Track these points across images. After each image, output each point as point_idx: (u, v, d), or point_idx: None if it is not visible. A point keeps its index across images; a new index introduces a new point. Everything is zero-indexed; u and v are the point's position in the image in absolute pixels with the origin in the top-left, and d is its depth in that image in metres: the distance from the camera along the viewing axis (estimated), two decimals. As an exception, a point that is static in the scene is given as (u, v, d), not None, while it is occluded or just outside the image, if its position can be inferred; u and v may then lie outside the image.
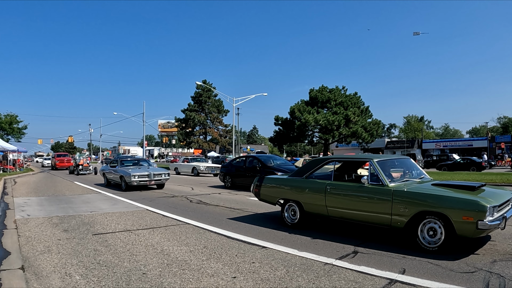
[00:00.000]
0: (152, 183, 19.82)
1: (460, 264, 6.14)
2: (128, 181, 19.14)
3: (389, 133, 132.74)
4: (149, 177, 19.49)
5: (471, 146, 72.00)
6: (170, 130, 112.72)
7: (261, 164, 19.85)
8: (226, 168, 22.44)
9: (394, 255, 6.70)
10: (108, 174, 22.71)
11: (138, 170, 19.81)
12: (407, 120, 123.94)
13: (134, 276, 5.73)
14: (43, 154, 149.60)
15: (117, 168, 21.35)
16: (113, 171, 21.66)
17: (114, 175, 21.43)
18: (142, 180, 19.25)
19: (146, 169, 20.35)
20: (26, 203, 14.75)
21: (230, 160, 24.10)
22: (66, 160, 52.34)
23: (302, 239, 8.04)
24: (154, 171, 20.16)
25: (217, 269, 6.03)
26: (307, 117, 43.31)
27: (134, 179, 18.98)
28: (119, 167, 21.32)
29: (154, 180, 19.71)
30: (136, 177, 19.02)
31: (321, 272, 5.83)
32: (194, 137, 75.58)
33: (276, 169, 18.55)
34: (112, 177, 22.00)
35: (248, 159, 21.78)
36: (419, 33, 65.72)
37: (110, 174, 22.24)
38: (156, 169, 21.42)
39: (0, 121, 62.22)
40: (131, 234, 8.76)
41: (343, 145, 58.11)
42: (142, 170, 20.08)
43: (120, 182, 20.21)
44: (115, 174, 21.21)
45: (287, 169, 18.73)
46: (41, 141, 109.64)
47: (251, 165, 20.65)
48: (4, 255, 7.05)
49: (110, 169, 22.38)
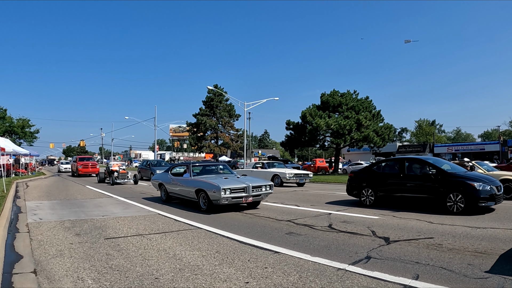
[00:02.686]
0: (249, 200, 13.14)
1: (473, 270, 6.05)
2: (214, 197, 12.58)
3: (400, 137, 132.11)
4: (246, 191, 12.92)
5: (483, 150, 71.43)
6: (182, 134, 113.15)
7: (438, 170, 13.09)
8: (365, 174, 15.53)
9: (407, 260, 6.63)
10: (171, 186, 15.84)
11: (227, 181, 13.30)
12: (419, 124, 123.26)
13: (147, 280, 5.71)
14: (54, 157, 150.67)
15: (188, 178, 14.72)
16: (180, 182, 15.16)
17: (183, 187, 14.82)
18: (236, 196, 12.68)
19: (238, 180, 13.91)
20: (38, 207, 14.82)
21: (370, 164, 16.77)
22: (91, 164, 43.42)
23: (314, 245, 7.98)
24: (252, 182, 13.43)
25: (230, 274, 6.00)
26: (318, 122, 43.23)
27: (225, 194, 12.33)
28: (194, 176, 14.70)
29: (252, 195, 13.08)
30: (227, 191, 12.40)
31: (334, 277, 5.77)
32: (205, 142, 76.04)
33: (466, 178, 12.48)
34: (178, 190, 15.29)
35: (407, 162, 14.33)
36: (410, 40, 67.13)
37: (175, 186, 15.51)
38: (254, 180, 14.20)
39: (13, 125, 62.82)
40: (143, 239, 8.76)
41: (355, 149, 58.20)
42: (233, 180, 13.60)
43: (196, 198, 13.77)
44: (185, 187, 14.62)
45: (479, 177, 12.70)
46: (53, 145, 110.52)
47: (417, 171, 13.84)
48: (16, 259, 7.09)
49: (174, 179, 15.81)
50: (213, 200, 12.71)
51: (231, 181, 13.29)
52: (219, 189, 12.30)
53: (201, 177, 14.65)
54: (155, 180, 17.67)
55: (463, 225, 9.92)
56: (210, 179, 13.78)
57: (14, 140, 57.03)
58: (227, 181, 13.21)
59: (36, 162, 60.48)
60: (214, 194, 12.56)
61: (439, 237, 8.58)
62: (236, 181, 13.39)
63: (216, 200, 12.60)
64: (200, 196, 13.50)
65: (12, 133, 63.12)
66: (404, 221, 10.62)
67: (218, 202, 12.56)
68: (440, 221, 10.65)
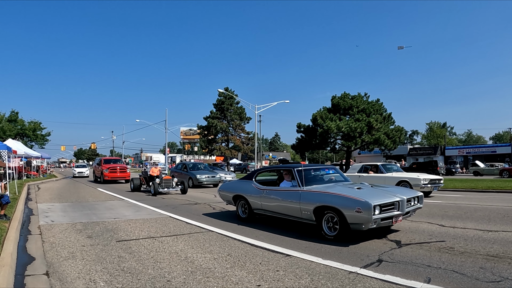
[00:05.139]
0: (399, 220, 8.87)
1: (485, 273, 6.00)
2: (357, 219, 8.14)
3: (411, 139, 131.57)
4: (399, 208, 8.63)
5: (495, 152, 70.99)
6: (192, 137, 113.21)
7: None
8: None
9: (419, 264, 6.60)
10: (261, 200, 11.01)
11: (370, 193, 8.90)
12: (430, 127, 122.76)
13: (159, 283, 5.72)
14: (65, 160, 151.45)
15: (295, 189, 9.89)
16: (279, 194, 10.36)
17: (285, 203, 10.02)
18: (387, 217, 8.32)
19: (382, 190, 9.47)
20: (49, 209, 14.91)
21: None
22: (119, 168, 35.01)
23: (325, 248, 7.97)
24: (402, 193, 9.13)
25: (242, 277, 6.00)
26: (329, 124, 43.27)
27: (377, 214, 8.09)
28: (307, 186, 9.73)
29: (403, 214, 8.79)
30: (376, 209, 8.07)
31: (346, 281, 5.75)
32: (216, 144, 75.99)
33: None
34: (274, 206, 10.47)
35: None
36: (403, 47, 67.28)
37: (268, 200, 10.70)
38: (398, 190, 9.74)
39: (24, 128, 63.26)
40: (154, 241, 8.78)
41: (366, 152, 57.97)
42: (377, 192, 9.18)
43: (311, 219, 9.24)
44: (290, 202, 9.84)
45: None
46: (64, 147, 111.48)
47: None
48: (28, 261, 7.14)
49: (266, 190, 10.96)
50: (353, 223, 8.25)
51: (376, 193, 8.97)
52: (369, 207, 7.92)
53: (318, 187, 9.76)
54: (227, 191, 12.85)
55: (474, 228, 9.85)
56: (337, 189, 9.20)
57: (25, 143, 57.38)
58: (371, 193, 8.88)
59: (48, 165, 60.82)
60: (357, 215, 8.04)
61: (451, 240, 8.52)
62: (382, 193, 9.01)
63: (358, 224, 8.17)
64: (325, 217, 8.91)
65: (24, 136, 63.53)
66: (415, 224, 10.56)
67: (361, 227, 8.16)
68: (452, 224, 10.58)
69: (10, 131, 58.24)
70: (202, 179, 28.90)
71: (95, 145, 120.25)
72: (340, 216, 8.42)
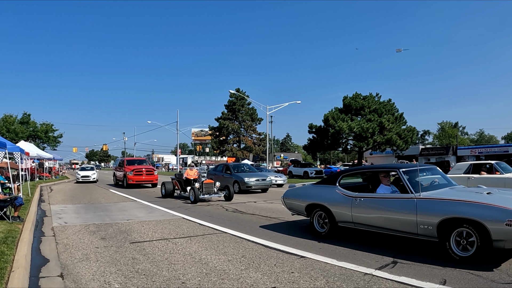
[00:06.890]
0: None
1: (501, 275, 5.97)
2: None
3: (423, 140, 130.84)
4: None
5: (507, 152, 70.18)
6: (204, 138, 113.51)
7: None
8: None
9: (434, 265, 6.55)
10: (352, 210, 8.60)
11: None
12: (441, 127, 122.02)
13: (173, 285, 5.71)
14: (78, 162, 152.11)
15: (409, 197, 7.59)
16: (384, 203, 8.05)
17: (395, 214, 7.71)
18: None
19: None
20: (62, 211, 14.98)
21: None
22: (145, 170, 29.77)
23: (340, 249, 7.93)
24: None
25: (256, 278, 5.98)
26: (341, 125, 43.11)
27: None
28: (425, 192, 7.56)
29: None
30: None
31: (361, 282, 5.72)
32: (228, 145, 76.16)
33: None
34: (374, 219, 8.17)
35: None
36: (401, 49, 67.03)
37: (364, 211, 8.37)
38: None
39: (37, 130, 63.65)
40: (168, 243, 8.78)
41: (378, 152, 57.71)
42: None
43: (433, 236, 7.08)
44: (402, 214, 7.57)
45: None
46: (76, 149, 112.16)
47: None
48: (43, 262, 7.18)
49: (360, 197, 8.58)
50: (498, 240, 6.27)
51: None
52: None
53: (440, 193, 7.64)
54: (297, 200, 10.30)
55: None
56: (469, 196, 7.11)
57: (38, 145, 57.75)
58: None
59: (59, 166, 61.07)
60: (507, 229, 6.11)
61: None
62: None
63: (503, 241, 6.26)
64: (454, 233, 6.85)
65: (36, 137, 63.94)
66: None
67: (504, 244, 6.28)
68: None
69: (22, 133, 58.70)
70: (251, 183, 23.66)
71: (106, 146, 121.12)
72: (480, 230, 6.44)
